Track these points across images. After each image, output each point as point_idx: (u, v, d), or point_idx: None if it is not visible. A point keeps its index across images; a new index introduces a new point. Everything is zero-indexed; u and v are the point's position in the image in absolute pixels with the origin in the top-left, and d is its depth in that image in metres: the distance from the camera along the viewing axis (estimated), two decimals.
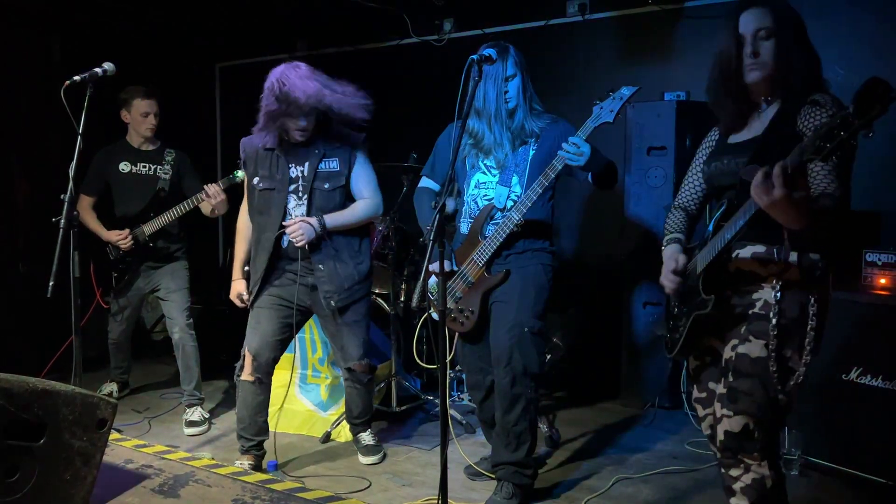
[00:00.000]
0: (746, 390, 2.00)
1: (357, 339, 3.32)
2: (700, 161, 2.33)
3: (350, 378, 3.41)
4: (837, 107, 1.93)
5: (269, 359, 3.23)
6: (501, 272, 2.95)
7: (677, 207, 2.40)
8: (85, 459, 1.66)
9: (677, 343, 2.20)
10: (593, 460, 3.52)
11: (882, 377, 2.97)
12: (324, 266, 3.19)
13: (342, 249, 3.22)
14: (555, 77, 5.15)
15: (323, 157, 3.19)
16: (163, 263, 4.07)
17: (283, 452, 3.47)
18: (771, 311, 1.98)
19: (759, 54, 2.03)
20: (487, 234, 2.94)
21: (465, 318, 3.05)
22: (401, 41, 5.75)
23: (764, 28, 2.02)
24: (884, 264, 3.18)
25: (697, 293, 2.07)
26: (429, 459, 3.51)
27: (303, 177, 3.18)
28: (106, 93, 3.05)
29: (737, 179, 2.04)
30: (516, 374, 2.88)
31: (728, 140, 2.19)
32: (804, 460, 3.22)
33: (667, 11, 4.66)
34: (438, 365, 2.28)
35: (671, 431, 3.85)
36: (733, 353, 2.04)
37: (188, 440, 3.79)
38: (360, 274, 3.26)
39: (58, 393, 1.63)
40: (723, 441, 2.06)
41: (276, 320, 3.23)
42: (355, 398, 3.47)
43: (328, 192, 3.18)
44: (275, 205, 3.19)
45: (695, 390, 2.32)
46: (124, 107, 4.02)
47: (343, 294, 3.21)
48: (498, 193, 2.97)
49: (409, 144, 4.42)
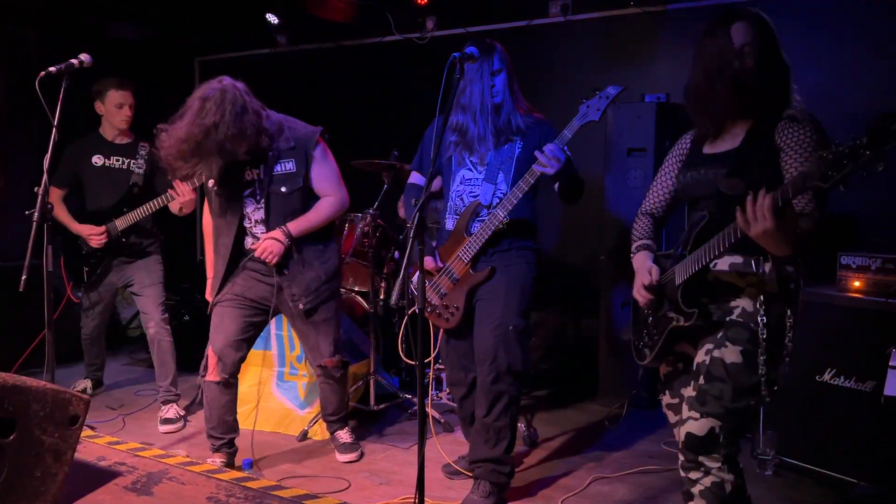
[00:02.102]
0: (716, 394, 2.02)
1: (328, 337, 3.29)
2: (672, 169, 2.33)
3: (323, 374, 3.37)
4: (813, 123, 1.98)
5: (234, 359, 3.17)
6: (486, 269, 2.95)
7: (645, 213, 2.41)
8: (56, 456, 1.63)
9: (651, 352, 2.20)
10: (570, 459, 3.53)
11: (855, 378, 3.01)
12: (289, 269, 3.13)
13: (308, 251, 3.16)
14: (536, 77, 5.15)
15: (277, 159, 3.08)
16: (135, 258, 4.01)
17: (259, 450, 3.45)
18: (752, 322, 2.00)
19: (762, 67, 2.05)
20: (473, 231, 2.95)
21: (449, 315, 3.05)
22: (383, 38, 5.73)
23: (749, 43, 2.04)
24: (858, 267, 3.22)
25: (676, 305, 2.07)
26: (406, 458, 3.51)
27: (259, 180, 3.09)
28: (84, 86, 3.01)
29: (714, 190, 2.06)
30: (500, 372, 2.89)
31: (703, 150, 2.20)
32: (779, 460, 3.26)
33: (648, 13, 4.69)
34: (417, 363, 2.27)
35: (648, 431, 3.87)
36: (707, 357, 2.05)
37: (163, 437, 3.75)
38: (326, 273, 3.21)
39: (28, 388, 1.60)
40: (683, 442, 2.06)
41: (240, 319, 3.16)
42: (329, 395, 3.44)
43: (286, 196, 3.09)
44: (230, 209, 3.12)
45: (667, 395, 2.34)
46: (98, 98, 3.94)
47: (310, 296, 3.17)
48: (484, 190, 2.97)
49: (391, 142, 4.41)
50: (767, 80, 2.04)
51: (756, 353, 2.00)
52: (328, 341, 3.29)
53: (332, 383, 3.39)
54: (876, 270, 3.18)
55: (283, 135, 3.08)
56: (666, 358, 2.27)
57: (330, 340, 3.29)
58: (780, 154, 1.99)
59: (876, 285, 3.16)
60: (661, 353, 2.21)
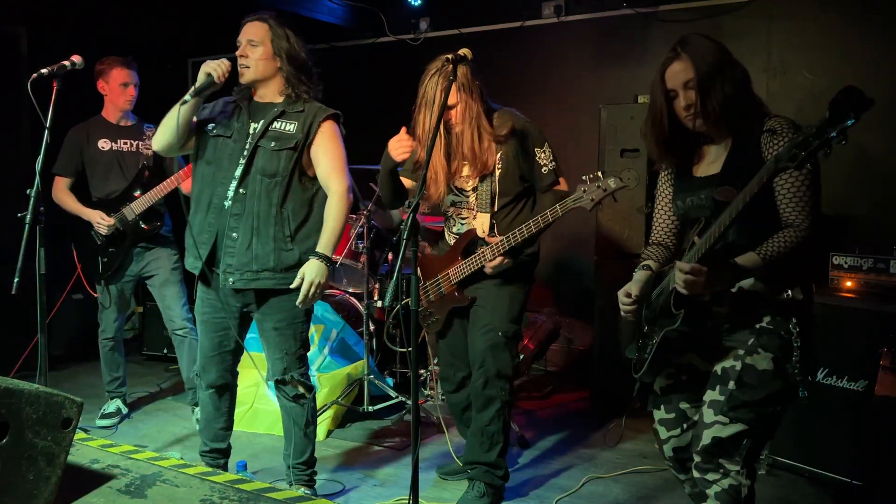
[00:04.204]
0: (749, 401, 2.01)
1: (278, 352, 2.82)
2: (666, 199, 2.32)
3: (279, 395, 2.91)
4: (794, 129, 1.98)
5: (216, 374, 2.87)
6: (469, 298, 2.99)
7: (655, 244, 2.37)
8: (49, 459, 1.63)
9: (644, 362, 2.19)
10: (564, 459, 3.54)
11: (847, 378, 3.03)
12: (237, 234, 2.70)
13: (266, 224, 2.70)
14: (530, 78, 5.17)
15: (281, 114, 2.76)
16: (154, 245, 3.86)
17: (253, 452, 3.44)
18: (783, 330, 2.02)
19: (693, 104, 2.05)
20: (466, 257, 2.96)
21: (433, 321, 3.13)
22: (377, 39, 5.73)
23: (689, 79, 2.05)
24: (850, 267, 3.24)
25: (667, 309, 2.07)
26: (401, 459, 3.51)
27: (253, 134, 2.74)
28: (77, 86, 2.99)
29: (711, 203, 2.07)
30: (489, 377, 2.91)
31: (693, 173, 2.20)
32: (772, 460, 3.27)
33: (641, 14, 4.71)
34: (410, 364, 2.27)
35: (641, 431, 3.88)
36: (739, 363, 2.04)
37: (156, 439, 3.74)
38: (279, 262, 2.72)
39: (21, 392, 1.60)
40: (706, 446, 2.05)
41: (212, 335, 2.86)
42: (287, 423, 2.92)
43: (272, 153, 2.70)
44: (227, 155, 2.74)
45: (661, 410, 2.29)
46: (101, 77, 3.78)
47: (246, 276, 2.70)
48: (480, 221, 2.97)
49: (385, 143, 4.41)
50: (720, 104, 2.02)
51: (787, 361, 2.02)
52: (276, 357, 2.83)
53: (289, 405, 2.88)
54: (867, 270, 3.20)
55: (298, 96, 2.81)
56: (663, 370, 2.25)
57: (280, 356, 2.82)
58: None
59: (867, 285, 3.18)
60: (656, 365, 2.18)
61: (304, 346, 2.87)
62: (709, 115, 2.04)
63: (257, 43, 2.73)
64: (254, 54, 2.72)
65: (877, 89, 4.10)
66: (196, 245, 2.74)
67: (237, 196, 2.70)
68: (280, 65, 2.75)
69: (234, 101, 2.85)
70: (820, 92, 4.22)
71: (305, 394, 2.86)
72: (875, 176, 4.09)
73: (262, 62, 2.73)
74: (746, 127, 2.06)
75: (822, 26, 4.26)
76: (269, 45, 2.74)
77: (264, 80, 2.77)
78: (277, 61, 2.75)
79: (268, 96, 2.80)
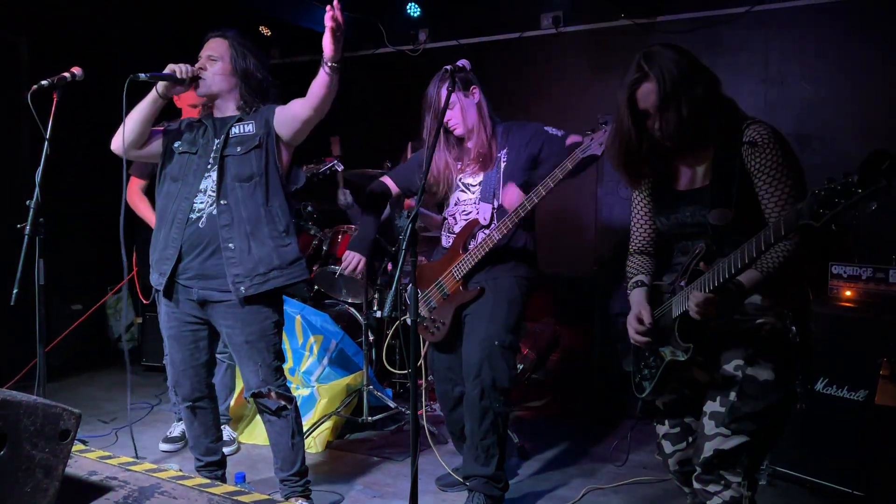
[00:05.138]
0: (751, 412, 2.00)
1: (251, 364, 2.76)
2: (645, 209, 2.28)
3: (260, 409, 2.88)
4: (775, 143, 1.93)
5: (190, 388, 2.85)
6: (476, 289, 2.96)
7: (637, 253, 2.33)
8: (46, 471, 1.62)
9: (649, 385, 2.17)
10: (564, 470, 3.53)
11: (847, 388, 3.02)
12: (234, 244, 2.69)
13: (258, 226, 2.70)
14: (528, 88, 5.19)
15: (238, 120, 2.78)
16: None
17: (252, 464, 3.43)
18: (783, 339, 2.00)
19: (664, 124, 2.00)
20: (469, 248, 2.95)
21: (436, 329, 3.06)
22: (376, 50, 5.75)
23: (658, 99, 1.98)
24: (849, 276, 3.24)
25: (673, 339, 2.04)
26: (400, 470, 3.49)
27: (217, 147, 2.75)
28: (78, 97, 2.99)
29: (704, 222, 2.04)
30: (485, 388, 2.88)
31: (674, 186, 2.16)
32: (772, 470, 3.25)
33: (639, 25, 4.73)
34: (410, 373, 2.27)
35: (641, 441, 3.87)
36: (740, 373, 2.02)
37: (155, 451, 3.73)
38: (282, 259, 2.72)
39: (19, 403, 1.59)
40: (708, 458, 2.04)
41: (183, 349, 2.82)
42: (273, 436, 2.90)
43: (241, 158, 2.71)
44: (192, 171, 2.74)
45: (665, 425, 2.27)
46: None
47: (256, 280, 2.68)
48: (482, 210, 2.97)
49: (384, 153, 4.43)
50: (694, 121, 1.97)
51: (788, 370, 2.01)
52: (251, 369, 2.78)
53: (272, 419, 2.85)
54: (867, 280, 3.20)
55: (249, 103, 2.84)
56: (666, 389, 2.22)
57: (254, 368, 2.77)
58: (752, 179, 1.98)
59: (867, 295, 3.18)
60: (661, 387, 2.16)
61: (278, 358, 2.82)
62: (686, 130, 1.98)
63: (216, 58, 2.77)
64: (212, 68, 2.76)
65: (874, 99, 4.15)
66: (161, 261, 2.75)
67: (221, 208, 2.69)
68: (237, 81, 2.79)
69: (198, 119, 2.88)
70: (818, 102, 4.23)
71: (287, 405, 2.83)
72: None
73: (220, 77, 2.77)
74: (725, 135, 2.02)
75: (819, 37, 4.28)
76: (228, 61, 2.78)
77: (221, 96, 2.80)
78: (234, 78, 2.78)
79: (227, 111, 2.83)
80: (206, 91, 2.77)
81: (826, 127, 4.24)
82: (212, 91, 2.77)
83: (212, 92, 2.78)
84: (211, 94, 2.78)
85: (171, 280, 2.75)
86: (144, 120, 2.74)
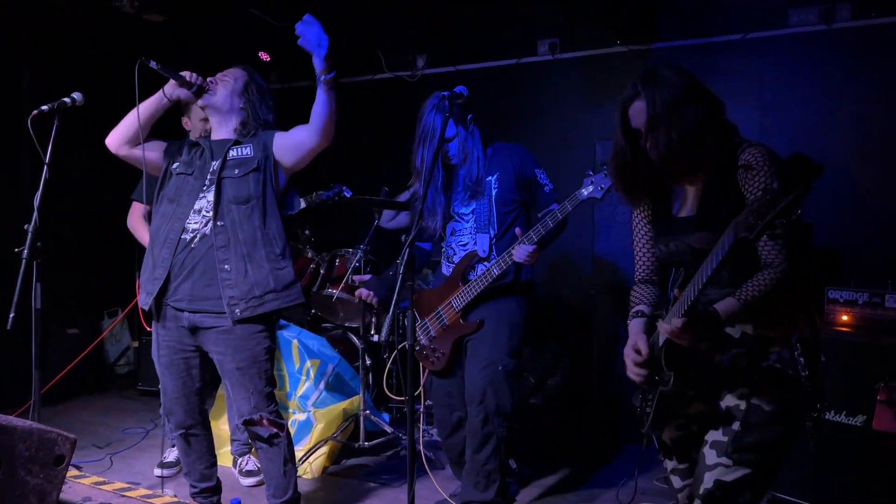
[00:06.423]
0: (754, 443, 1.95)
1: (243, 391, 2.75)
2: (645, 236, 2.25)
3: (251, 436, 2.87)
4: (769, 165, 1.89)
5: (183, 416, 2.84)
6: (476, 322, 2.96)
7: (641, 282, 2.29)
8: (41, 497, 1.61)
9: (647, 417, 2.12)
10: (563, 496, 3.50)
11: (845, 413, 3.01)
12: (230, 266, 2.68)
13: (255, 248, 2.70)
14: (525, 113, 5.24)
15: (235, 143, 2.79)
16: None
17: (247, 490, 3.40)
18: (790, 368, 1.96)
19: (653, 144, 1.97)
20: (469, 279, 2.96)
21: (435, 358, 3.06)
22: (374, 76, 5.81)
23: (651, 119, 1.96)
24: (845, 301, 3.24)
25: (658, 367, 2.00)
26: (396, 496, 3.46)
27: (214, 169, 2.76)
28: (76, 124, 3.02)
29: (688, 248, 2.03)
30: (489, 413, 2.87)
31: (674, 212, 2.13)
32: (770, 496, 3.23)
33: (635, 52, 4.79)
34: (407, 399, 2.26)
35: (643, 468, 3.84)
36: (743, 402, 1.97)
37: (150, 477, 3.70)
38: (278, 282, 2.72)
39: (14, 428, 1.59)
40: (709, 489, 1.98)
41: (175, 377, 2.80)
42: (265, 464, 2.88)
43: (238, 180, 2.72)
44: (187, 192, 2.75)
45: (673, 461, 2.22)
46: (185, 113, 3.75)
47: (252, 303, 2.67)
48: (480, 241, 2.98)
49: (381, 179, 4.43)
50: (687, 142, 1.93)
51: (795, 402, 1.97)
52: (243, 396, 2.76)
53: (264, 447, 2.83)
54: (863, 305, 3.20)
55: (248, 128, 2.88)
56: (671, 422, 2.17)
57: (246, 395, 2.75)
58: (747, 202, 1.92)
59: (863, 319, 3.18)
60: (659, 419, 2.11)
61: (269, 384, 2.80)
62: (676, 152, 1.95)
63: (229, 80, 2.83)
64: (224, 84, 2.81)
65: (868, 124, 4.19)
66: (150, 280, 2.74)
67: (217, 229, 2.68)
68: (242, 106, 2.83)
69: (195, 142, 2.90)
70: (813, 126, 4.27)
71: (279, 432, 2.80)
72: (869, 210, 4.13)
73: (229, 94, 2.81)
74: (718, 161, 1.99)
75: (813, 62, 4.33)
76: (240, 85, 2.83)
77: (221, 112, 2.82)
78: (241, 102, 2.82)
79: (224, 134, 2.85)
80: (209, 102, 2.80)
81: (820, 153, 4.27)
82: (214, 104, 2.80)
83: (214, 104, 2.80)
84: (213, 105, 2.81)
85: (158, 301, 2.74)
86: (145, 115, 2.75)
